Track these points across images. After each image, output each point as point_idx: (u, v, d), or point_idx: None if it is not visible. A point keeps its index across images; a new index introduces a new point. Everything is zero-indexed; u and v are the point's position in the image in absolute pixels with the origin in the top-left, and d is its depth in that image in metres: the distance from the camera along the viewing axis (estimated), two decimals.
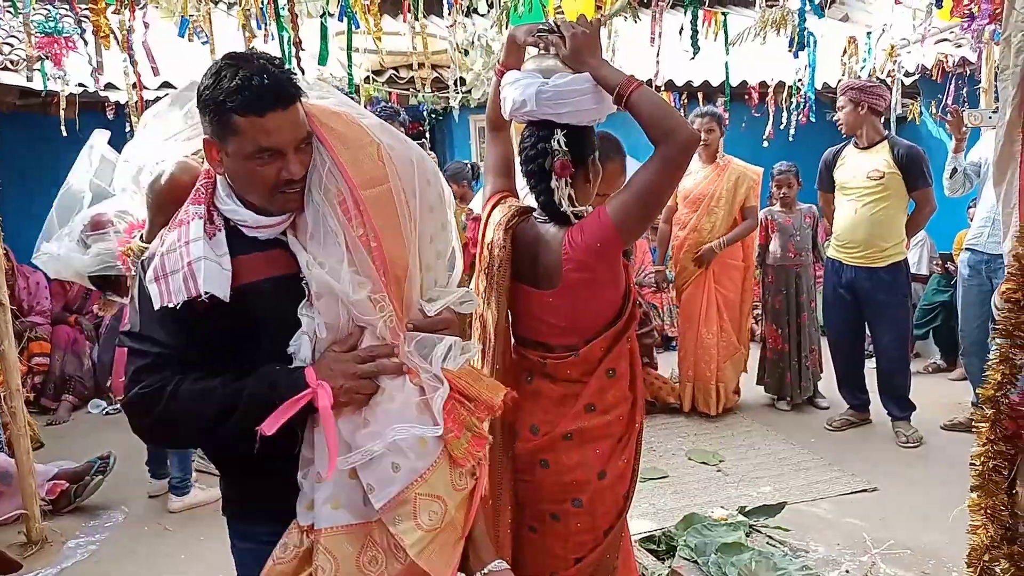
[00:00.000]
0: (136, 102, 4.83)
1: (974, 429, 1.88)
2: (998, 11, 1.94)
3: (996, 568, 1.80)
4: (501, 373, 1.88)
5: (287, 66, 1.37)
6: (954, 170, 4.30)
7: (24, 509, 3.32)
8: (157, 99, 5.06)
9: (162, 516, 3.72)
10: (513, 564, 1.92)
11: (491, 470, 1.87)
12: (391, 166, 1.42)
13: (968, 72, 5.88)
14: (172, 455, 3.77)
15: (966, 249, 4.36)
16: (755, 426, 4.70)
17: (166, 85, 5.59)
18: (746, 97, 6.64)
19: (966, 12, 2.28)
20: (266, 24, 4.21)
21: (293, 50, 4.47)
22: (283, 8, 3.99)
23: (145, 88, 5.41)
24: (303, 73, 4.70)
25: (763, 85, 6.56)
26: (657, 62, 4.82)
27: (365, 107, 5.36)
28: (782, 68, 6.13)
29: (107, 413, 5.25)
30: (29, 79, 4.47)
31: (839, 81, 6.22)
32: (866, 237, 4.25)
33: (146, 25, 3.98)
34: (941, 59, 6.02)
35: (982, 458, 1.83)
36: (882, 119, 4.34)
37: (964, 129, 4.15)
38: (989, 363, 1.87)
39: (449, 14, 4.64)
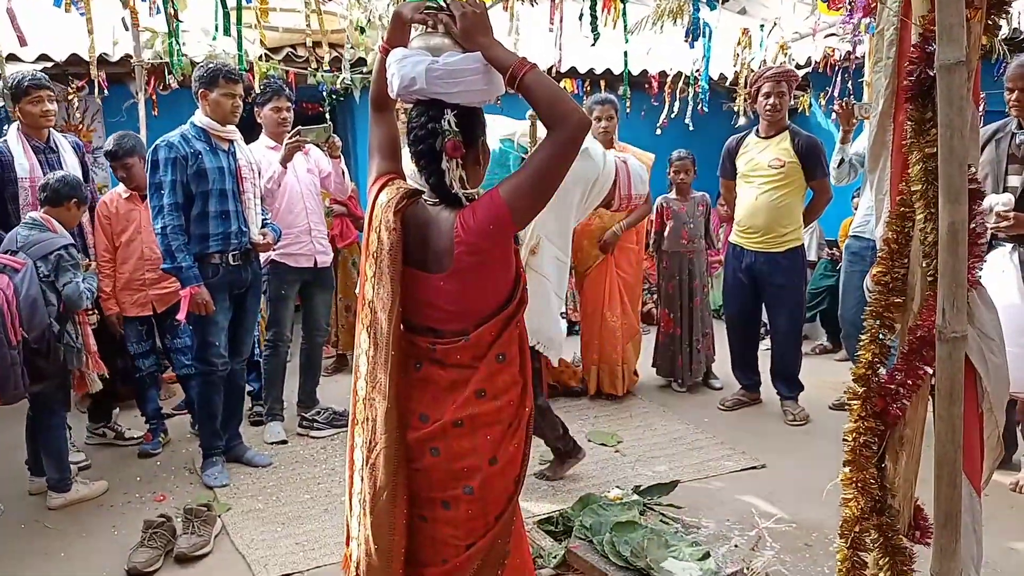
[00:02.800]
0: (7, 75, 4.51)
1: (846, 407, 1.96)
2: (872, 5, 2.02)
3: (866, 538, 1.89)
4: (393, 360, 1.84)
5: (170, 41, 1.34)
6: (841, 160, 4.50)
7: None
8: (32, 73, 4.77)
9: (41, 513, 3.51)
10: (405, 553, 1.90)
11: (386, 460, 1.84)
12: None
13: (854, 65, 6.16)
14: (44, 457, 3.57)
15: (851, 236, 4.58)
16: (652, 407, 4.81)
17: (44, 58, 5.25)
18: (646, 86, 6.75)
19: (845, 6, 2.37)
20: None
21: (174, 24, 4.27)
22: None
23: (19, 60, 5.07)
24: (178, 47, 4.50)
25: (662, 74, 6.68)
26: (559, 48, 4.84)
27: (259, 85, 5.20)
28: (680, 58, 6.26)
29: None
30: None
31: (735, 72, 6.43)
32: (766, 223, 4.40)
33: None
34: (828, 53, 6.28)
35: (853, 434, 1.91)
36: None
37: (853, 120, 4.34)
38: (860, 343, 1.96)
39: None
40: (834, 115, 4.53)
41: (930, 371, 1.78)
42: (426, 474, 1.88)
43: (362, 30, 4.88)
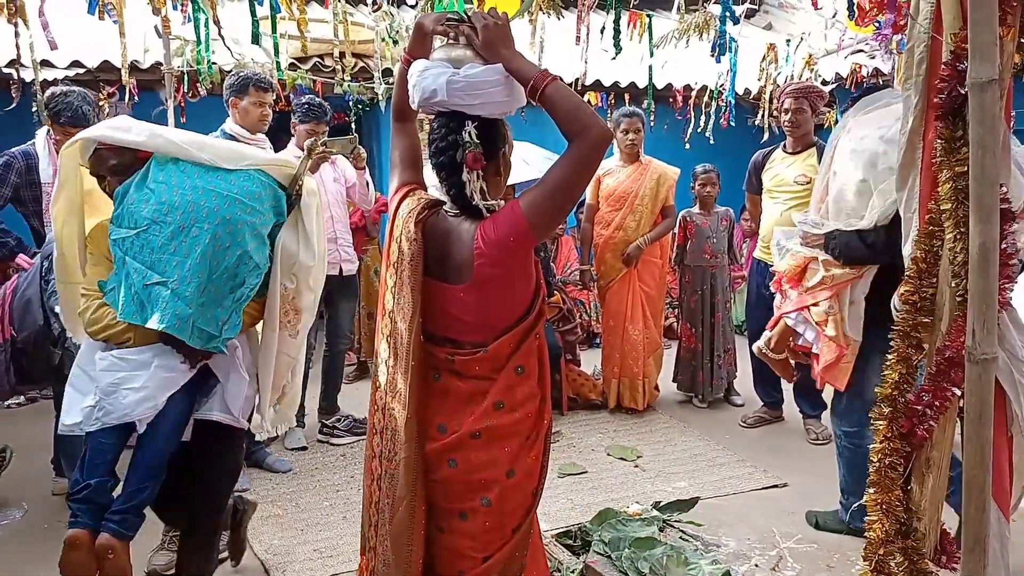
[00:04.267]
0: (42, 81, 4.60)
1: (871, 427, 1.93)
2: (902, 22, 2.00)
3: (890, 561, 1.86)
4: (413, 370, 1.84)
5: (200, 49, 1.43)
6: None
7: None
8: (66, 79, 4.85)
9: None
10: (422, 564, 1.90)
11: (405, 470, 1.84)
12: None
13: (881, 82, 6.11)
14: (64, 459, 3.60)
15: None
16: (672, 422, 4.77)
17: (76, 64, 5.34)
18: (670, 100, 6.74)
19: (874, 22, 2.35)
20: (182, 4, 4.05)
21: (213, 31, 4.32)
22: None
23: (52, 66, 5.16)
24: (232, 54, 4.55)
25: (687, 88, 6.67)
26: (584, 61, 4.84)
27: (290, 95, 5.25)
28: (705, 72, 6.24)
29: (8, 407, 4.99)
30: None
31: (760, 87, 6.40)
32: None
33: None
34: (856, 68, 6.24)
35: (879, 455, 1.88)
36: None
37: None
38: (887, 363, 1.93)
39: (375, 3, 4.56)
40: None
41: (958, 393, 1.75)
42: (444, 485, 1.88)
43: (395, 42, 4.91)
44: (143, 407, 2.34)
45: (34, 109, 4.62)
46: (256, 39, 4.16)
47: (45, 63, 4.97)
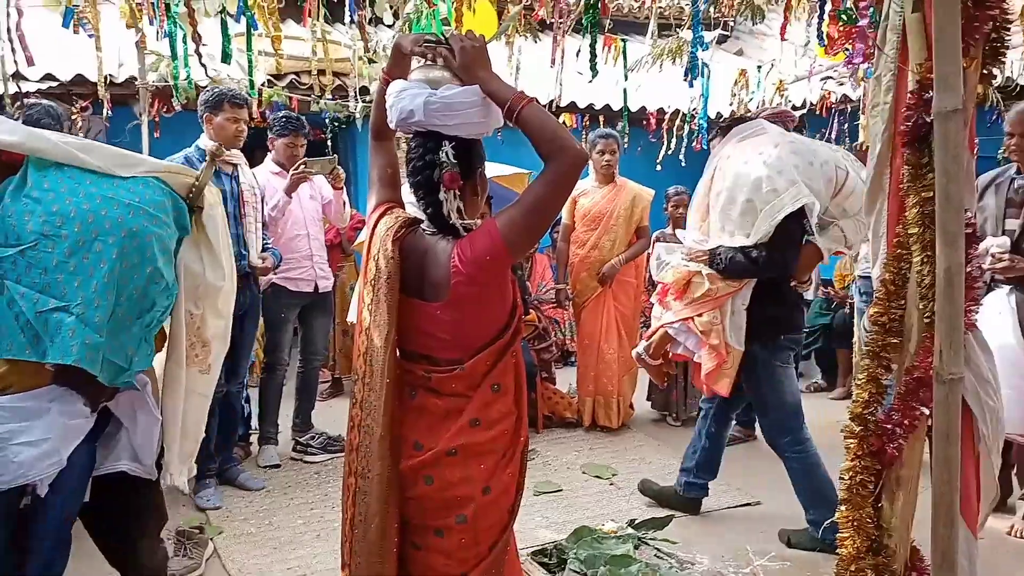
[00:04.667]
0: (14, 94, 4.54)
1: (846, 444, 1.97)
2: (870, 52, 2.06)
3: None
4: (388, 388, 1.84)
5: (176, 64, 1.41)
6: None
7: None
8: (39, 91, 4.79)
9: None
10: None
11: (378, 487, 1.83)
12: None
13: (849, 108, 6.25)
14: None
15: (862, 277, 4.53)
16: (647, 440, 4.80)
17: (49, 77, 5.30)
18: (644, 122, 6.83)
19: (843, 50, 2.42)
20: (158, 20, 4.04)
21: (190, 47, 4.31)
22: (177, 4, 3.84)
23: (25, 79, 5.11)
24: (205, 71, 4.55)
25: (660, 111, 6.76)
26: (560, 84, 4.90)
27: (265, 112, 5.24)
28: (678, 96, 6.34)
29: None
30: None
31: (731, 111, 6.51)
32: None
33: (20, 12, 3.75)
34: (825, 95, 6.37)
35: (850, 473, 1.91)
36: None
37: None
38: (857, 383, 1.97)
39: (352, 22, 4.58)
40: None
41: (927, 412, 1.79)
42: (419, 502, 1.88)
43: (371, 60, 4.94)
44: (43, 464, 1.90)
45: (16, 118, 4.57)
46: (226, 58, 4.16)
47: (18, 76, 4.92)
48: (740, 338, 3.24)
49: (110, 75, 5.19)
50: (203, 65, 4.41)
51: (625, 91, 4.77)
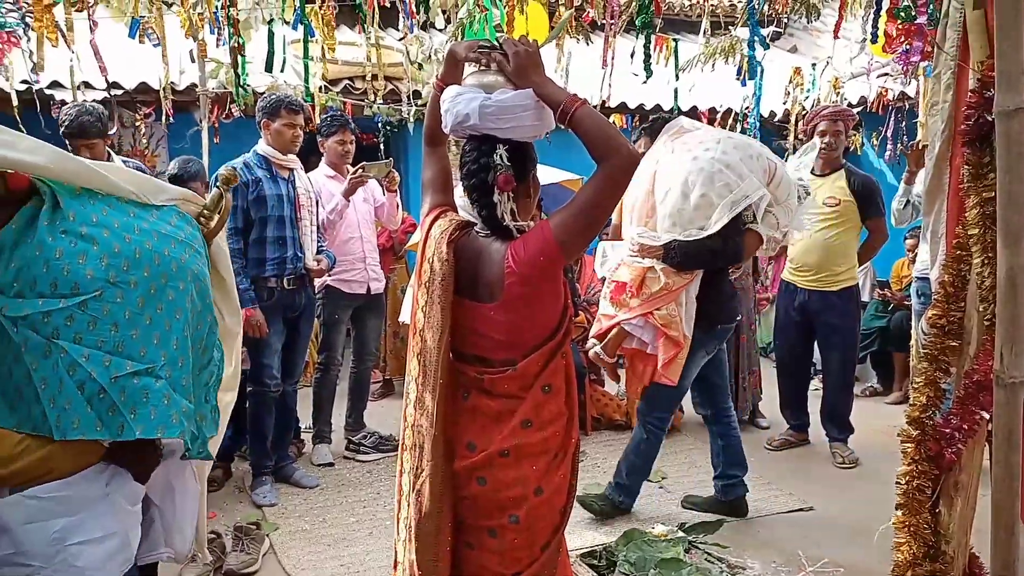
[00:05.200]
0: (82, 102, 4.73)
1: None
2: (929, 50, 2.03)
3: None
4: (441, 388, 1.88)
5: (235, 73, 1.43)
6: (907, 201, 4.46)
7: None
8: (105, 100, 4.98)
9: None
10: None
11: (431, 487, 1.87)
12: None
13: (907, 106, 6.11)
14: None
15: (919, 278, 4.42)
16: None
17: (114, 85, 5.49)
18: None
19: (899, 48, 2.39)
20: (219, 29, 4.16)
21: (248, 56, 4.44)
22: (232, 14, 3.95)
23: (91, 88, 5.31)
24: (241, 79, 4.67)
25: (712, 111, 6.70)
26: (609, 85, 4.90)
27: (321, 115, 5.36)
28: (730, 95, 6.28)
29: None
30: None
31: (785, 109, 6.42)
32: (819, 261, 4.36)
33: (94, 24, 3.89)
34: (882, 92, 6.24)
35: (907, 477, 1.89)
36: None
37: (922, 162, 4.29)
38: (915, 386, 1.94)
39: (405, 27, 4.65)
40: (888, 155, 4.50)
41: (986, 416, 1.76)
42: (473, 502, 1.90)
43: (420, 66, 5.01)
44: (113, 566, 1.57)
45: None
46: (269, 67, 4.25)
47: (86, 84, 5.12)
48: (691, 327, 3.38)
49: (172, 82, 5.36)
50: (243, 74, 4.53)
51: (676, 91, 4.74)
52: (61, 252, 1.52)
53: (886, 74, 5.92)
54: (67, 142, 3.72)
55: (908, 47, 2.27)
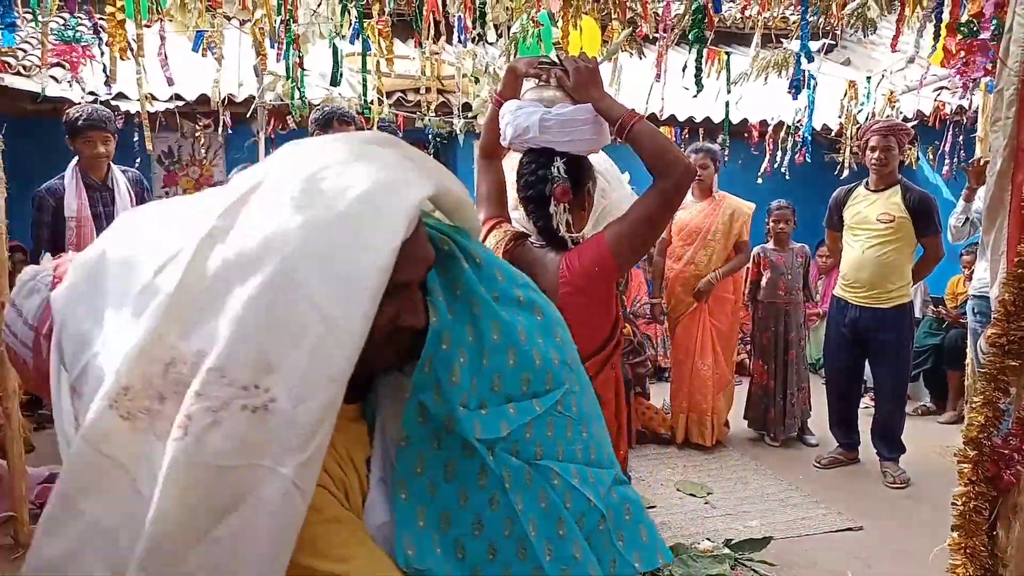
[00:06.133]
0: (148, 112, 4.90)
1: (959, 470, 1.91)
2: (991, 66, 2.01)
3: None
4: None
5: (291, 84, 1.40)
6: (966, 219, 4.37)
7: (13, 512, 3.32)
8: (167, 110, 5.12)
9: None
10: None
11: None
12: None
13: (964, 121, 5.98)
14: None
15: (976, 296, 4.32)
16: (744, 460, 4.71)
17: (176, 97, 5.68)
18: (746, 135, 6.73)
19: (958, 62, 2.36)
20: (278, 43, 4.28)
21: (308, 72, 4.56)
22: (294, 29, 4.06)
23: (155, 99, 5.50)
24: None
25: (763, 124, 6.65)
26: (661, 98, 4.91)
27: (374, 127, 5.46)
28: (782, 108, 6.23)
29: None
30: (44, 87, 4.51)
31: (840, 124, 6.35)
32: (872, 278, 4.29)
33: (163, 38, 4.04)
34: (939, 106, 6.13)
35: (964, 499, 1.86)
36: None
37: (983, 179, 4.20)
38: (973, 406, 1.91)
39: (459, 42, 4.73)
40: (945, 171, 4.43)
41: None
42: None
43: (476, 79, 5.08)
44: None
45: (136, 139, 4.95)
46: (335, 81, 4.34)
47: (150, 96, 5.30)
48: None
49: (230, 94, 5.52)
50: (315, 85, 4.64)
51: (727, 104, 4.73)
52: (523, 331, 1.08)
53: (943, 87, 5.82)
54: (78, 137, 3.78)
55: (967, 61, 2.25)
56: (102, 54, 3.96)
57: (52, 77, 3.89)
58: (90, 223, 3.83)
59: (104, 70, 3.87)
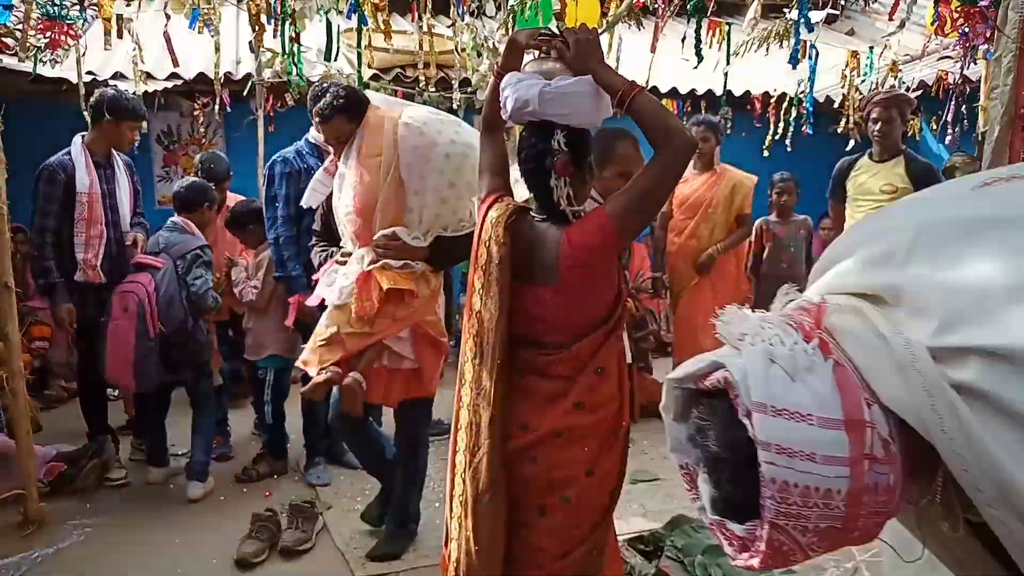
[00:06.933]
0: (143, 92, 4.88)
1: None
2: (990, 34, 1.99)
3: None
4: (499, 368, 1.92)
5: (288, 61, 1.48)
6: None
7: (22, 489, 3.36)
8: (165, 89, 5.09)
9: (160, 501, 3.75)
10: (503, 558, 1.97)
11: (488, 465, 1.91)
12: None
13: (968, 90, 5.92)
14: (197, 435, 3.81)
15: None
16: None
17: (173, 76, 5.64)
18: (748, 107, 6.68)
19: (956, 30, 2.33)
20: (275, 19, 4.25)
21: (292, 46, 4.52)
22: (288, 5, 4.03)
23: (153, 78, 5.47)
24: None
25: (766, 95, 6.60)
26: (648, 68, 4.86)
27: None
28: (785, 79, 6.18)
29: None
30: (42, 63, 4.45)
31: (842, 95, 6.29)
32: None
33: (168, 16, 4.01)
34: (942, 76, 6.07)
35: None
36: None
37: None
38: None
39: (456, 15, 4.69)
40: (948, 140, 4.39)
41: None
42: (524, 482, 1.94)
43: (479, 54, 5.04)
44: None
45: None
46: (328, 56, 4.30)
47: (147, 75, 5.28)
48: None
49: (228, 72, 5.48)
50: (310, 61, 4.60)
51: (726, 75, 4.69)
52: None
53: (947, 57, 5.76)
54: (124, 121, 3.80)
55: (967, 29, 2.23)
56: (84, 33, 3.90)
57: (53, 60, 3.83)
58: (100, 200, 3.84)
59: (82, 53, 3.81)
